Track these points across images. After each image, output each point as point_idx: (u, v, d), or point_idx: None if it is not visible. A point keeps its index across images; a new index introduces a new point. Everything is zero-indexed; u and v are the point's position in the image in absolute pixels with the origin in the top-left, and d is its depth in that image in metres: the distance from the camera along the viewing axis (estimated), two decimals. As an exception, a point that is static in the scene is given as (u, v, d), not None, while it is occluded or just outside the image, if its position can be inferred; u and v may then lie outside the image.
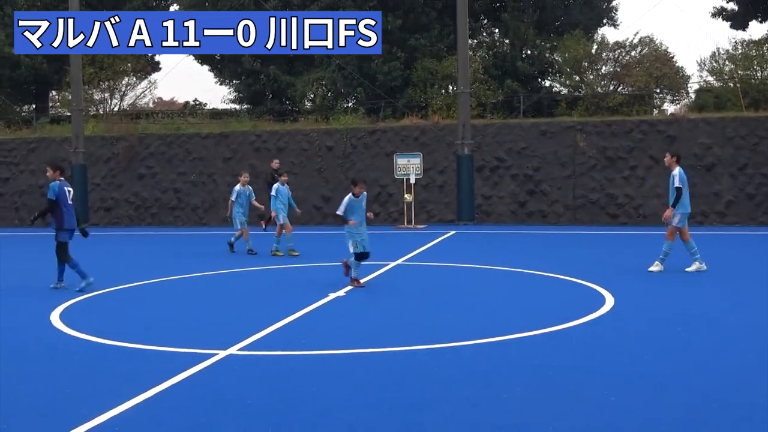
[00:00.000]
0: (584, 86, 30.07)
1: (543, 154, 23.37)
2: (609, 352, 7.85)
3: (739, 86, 26.68)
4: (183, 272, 14.35)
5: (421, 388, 6.71)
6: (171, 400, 6.48)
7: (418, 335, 8.70)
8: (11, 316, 10.45)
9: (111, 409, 6.15)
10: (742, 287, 11.63)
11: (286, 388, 6.75)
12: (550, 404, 6.20)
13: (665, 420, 5.76)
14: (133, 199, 26.26)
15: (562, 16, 34.56)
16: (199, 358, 7.80)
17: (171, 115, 33.77)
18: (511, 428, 5.65)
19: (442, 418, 5.90)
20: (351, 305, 10.72)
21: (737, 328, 8.85)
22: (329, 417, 5.96)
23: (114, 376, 7.23)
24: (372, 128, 25.25)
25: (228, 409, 6.20)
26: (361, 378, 7.06)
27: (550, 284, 12.32)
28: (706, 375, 6.95)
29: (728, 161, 21.90)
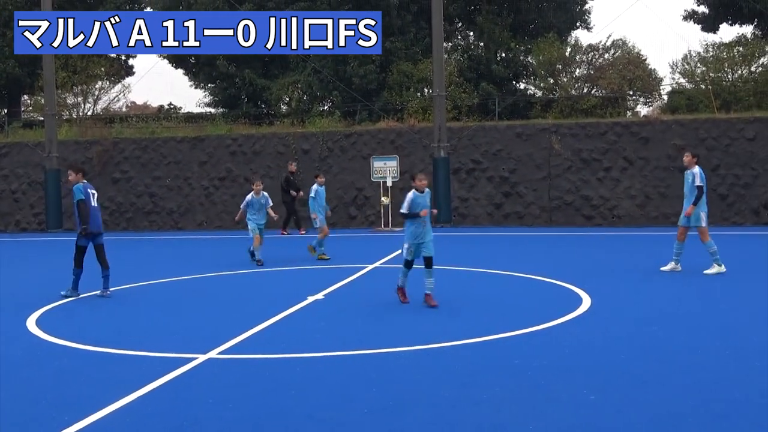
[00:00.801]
0: (558, 89, 30.28)
1: (518, 156, 23.52)
2: (587, 352, 7.92)
3: (710, 88, 27.00)
4: (160, 277, 14.29)
5: (401, 389, 6.73)
6: (152, 405, 6.45)
7: (398, 337, 8.73)
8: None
9: (92, 414, 6.12)
10: (716, 286, 11.77)
11: (268, 391, 6.75)
12: (530, 404, 6.24)
13: (644, 418, 5.83)
14: (107, 204, 26.04)
15: (536, 20, 34.79)
16: (179, 362, 7.77)
17: (145, 119, 33.55)
18: (491, 428, 5.69)
19: (423, 420, 5.93)
20: (330, 308, 10.72)
21: (713, 326, 8.98)
22: (313, 419, 5.97)
23: (94, 382, 7.19)
24: (348, 131, 25.28)
25: (210, 413, 6.19)
26: (341, 380, 7.07)
27: (528, 285, 12.39)
28: (684, 373, 7.04)
29: (701, 162, 22.06)
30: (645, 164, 22.62)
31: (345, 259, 16.09)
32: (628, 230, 21.40)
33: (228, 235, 23.57)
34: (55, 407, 6.43)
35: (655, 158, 22.59)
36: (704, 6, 33.57)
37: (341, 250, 18.00)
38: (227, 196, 25.37)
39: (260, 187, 15.67)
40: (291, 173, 22.99)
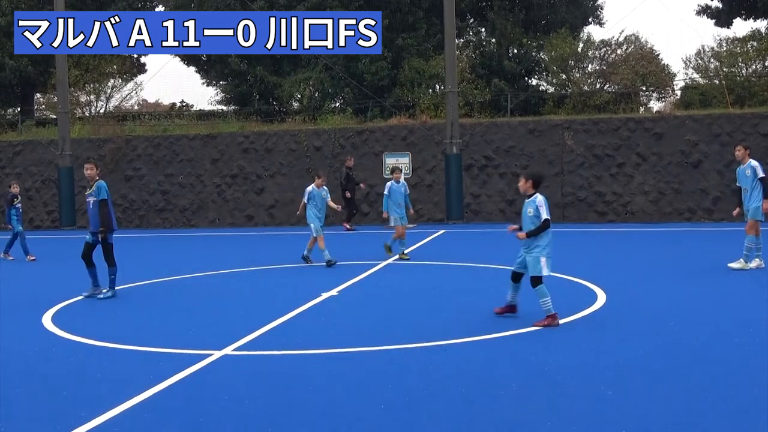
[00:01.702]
0: (571, 84, 30.20)
1: (531, 152, 23.45)
2: (603, 348, 7.90)
3: (724, 83, 26.85)
4: (173, 274, 14.32)
5: (417, 385, 6.73)
6: (168, 401, 6.48)
7: (413, 333, 8.72)
8: (2, 320, 10.40)
9: (109, 411, 6.15)
10: (732, 282, 11.72)
11: (283, 388, 6.76)
12: (547, 400, 6.23)
13: (662, 413, 5.82)
14: (120, 201, 26.14)
15: (548, 15, 34.69)
16: (195, 358, 7.80)
17: (157, 117, 33.66)
18: (508, 424, 5.68)
19: (439, 416, 5.93)
20: (344, 305, 10.73)
21: (730, 322, 8.92)
22: (328, 416, 5.98)
23: (110, 378, 7.22)
24: (360, 128, 25.27)
25: (225, 409, 6.20)
26: (357, 376, 7.08)
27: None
28: (701, 369, 7.01)
29: (715, 158, 22.04)
30: (658, 160, 22.51)
31: (358, 255, 16.09)
32: (641, 226, 21.30)
33: (241, 232, 23.61)
34: (72, 404, 6.47)
35: (668, 154, 22.47)
36: (717, 0, 33.37)
37: (354, 246, 18.01)
38: (239, 193, 25.42)
39: (323, 181, 15.28)
40: (349, 168, 22.91)
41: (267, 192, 25.25)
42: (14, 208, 17.17)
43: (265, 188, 25.26)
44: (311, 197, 14.95)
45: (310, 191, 14.99)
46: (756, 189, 12.36)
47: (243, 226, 25.07)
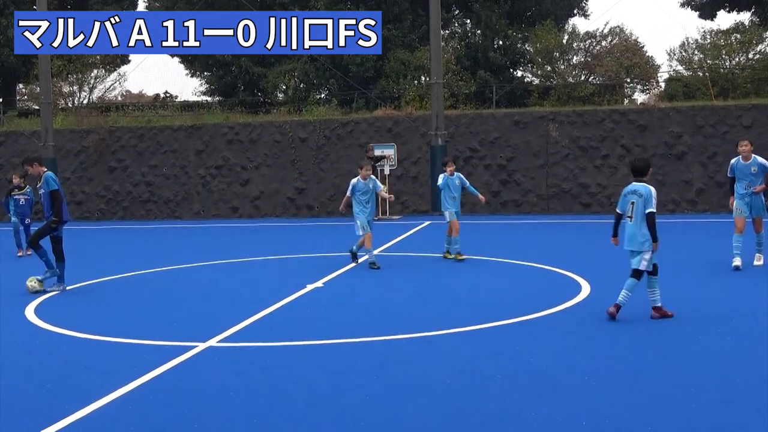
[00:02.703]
0: (556, 76, 30.27)
1: (516, 144, 23.50)
2: (588, 338, 7.94)
3: (708, 75, 26.99)
4: (158, 265, 14.26)
5: (403, 377, 6.74)
6: (153, 393, 6.45)
7: (398, 325, 8.73)
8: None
9: (93, 402, 6.12)
10: (715, 274, 11.79)
11: (268, 379, 6.75)
12: (532, 391, 6.25)
13: (646, 403, 5.85)
14: (104, 192, 26.02)
15: (534, 7, 34.73)
16: (179, 350, 7.77)
17: (141, 108, 33.48)
18: (493, 414, 5.70)
19: (424, 407, 5.94)
20: (329, 296, 10.72)
21: (713, 313, 8.97)
22: (313, 407, 5.97)
23: (95, 370, 7.18)
24: (345, 120, 25.22)
25: (211, 401, 6.18)
26: (342, 368, 7.07)
27: (527, 273, 12.40)
28: (683, 359, 7.05)
29: (698, 150, 22.17)
30: (642, 152, 22.60)
31: (343, 246, 16.07)
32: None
33: (225, 223, 23.55)
34: (55, 396, 6.43)
35: (652, 146, 22.58)
36: (702, -7, 33.55)
37: (339, 237, 17.99)
38: (224, 184, 25.33)
39: (369, 172, 13.57)
40: (371, 158, 22.60)
41: (252, 183, 25.17)
42: (12, 199, 16.63)
43: (250, 180, 25.18)
44: (355, 190, 13.35)
45: (354, 184, 13.38)
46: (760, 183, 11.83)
47: (228, 218, 24.99)
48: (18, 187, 16.70)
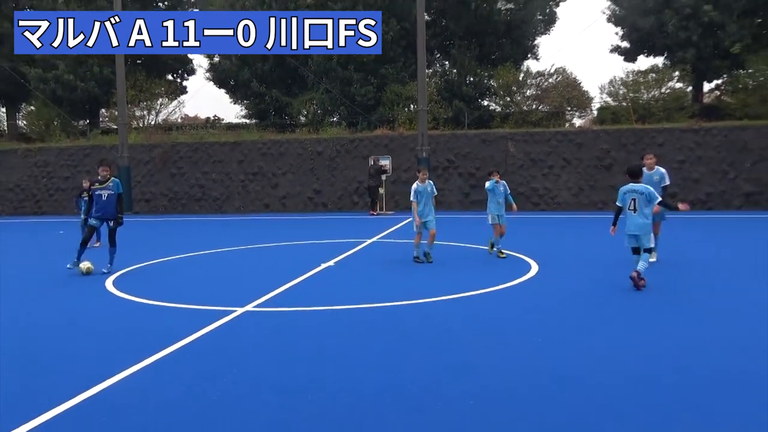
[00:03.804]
0: (513, 105, 30.19)
1: (482, 156, 23.47)
2: (539, 306, 7.94)
3: (630, 105, 26.95)
4: (206, 248, 14.25)
5: (397, 334, 6.74)
6: (204, 346, 6.45)
7: (392, 294, 8.73)
8: (76, 285, 10.31)
9: (163, 350, 6.13)
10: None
11: (295, 337, 6.75)
12: (495, 347, 6.25)
13: (584, 360, 5.85)
14: (167, 192, 25.95)
15: (497, 51, 34.58)
16: (223, 313, 7.77)
17: (196, 128, 33.34)
18: (464, 366, 5.69)
19: (410, 356, 5.94)
20: (339, 273, 10.71)
21: (639, 292, 8.99)
22: (332, 361, 5.97)
23: (157, 328, 7.18)
24: (352, 137, 25.15)
25: (248, 352, 6.18)
26: (350, 327, 7.07)
27: (490, 256, 12.39)
28: (614, 324, 7.06)
29: (622, 162, 22.14)
30: (579, 163, 22.61)
31: (350, 234, 16.08)
32: (566, 214, 21.41)
33: (259, 217, 23.50)
34: (124, 349, 6.42)
35: (587, 159, 22.57)
36: (626, 42, 33.46)
37: (347, 228, 18.00)
38: (258, 187, 25.29)
39: (426, 175, 11.78)
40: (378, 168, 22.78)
41: (280, 186, 25.12)
42: (82, 200, 15.56)
43: (278, 183, 25.14)
44: (418, 194, 11.63)
45: (415, 189, 11.64)
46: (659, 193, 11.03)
47: (261, 212, 24.95)
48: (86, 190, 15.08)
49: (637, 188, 8.81)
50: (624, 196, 8.90)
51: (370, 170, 22.96)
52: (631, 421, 4.42)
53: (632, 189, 8.84)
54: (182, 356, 6.08)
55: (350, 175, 24.42)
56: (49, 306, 8.56)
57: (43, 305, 8.59)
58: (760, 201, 21.20)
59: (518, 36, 34.13)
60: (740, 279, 9.33)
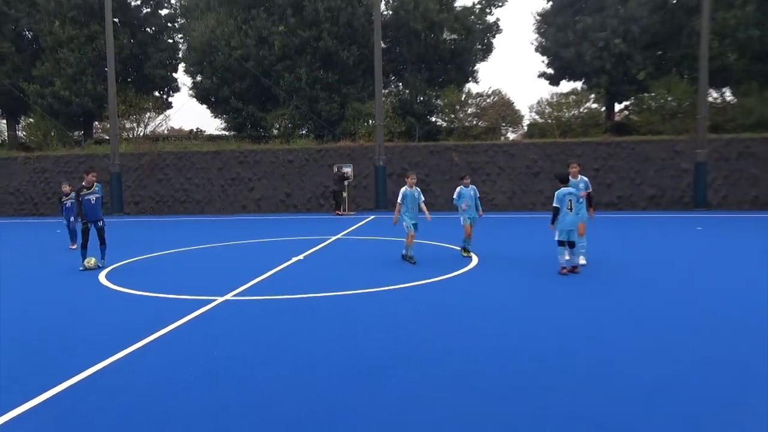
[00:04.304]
0: (457, 121, 30.49)
1: (431, 165, 23.64)
2: (480, 292, 8.05)
3: (554, 122, 27.52)
4: (190, 245, 13.99)
5: (360, 318, 6.75)
6: (189, 331, 6.35)
7: (355, 283, 8.74)
8: (71, 278, 10.00)
9: (152, 334, 6.01)
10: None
11: (270, 322, 6.70)
12: (443, 327, 6.32)
13: (516, 338, 5.96)
14: (154, 196, 25.33)
15: (443, 75, 34.89)
16: (205, 302, 7.66)
17: (180, 139, 32.62)
18: (418, 340, 5.75)
19: (374, 338, 5.97)
20: (308, 266, 10.65)
21: (563, 278, 9.19)
22: (302, 342, 5.95)
23: (148, 315, 7.03)
24: (319, 148, 25.00)
25: (230, 335, 6.11)
26: (318, 312, 7.06)
27: (437, 249, 12.50)
28: (544, 304, 7.21)
29: (548, 170, 22.63)
30: (512, 171, 22.99)
31: (317, 232, 16.00)
32: (501, 214, 21.75)
33: (237, 217, 23.17)
34: (117, 335, 6.28)
35: (518, 167, 22.97)
36: (551, 68, 34.18)
37: (314, 226, 17.90)
38: (236, 190, 24.92)
39: (414, 180, 10.84)
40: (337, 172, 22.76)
41: (256, 190, 24.81)
42: (63, 204, 14.46)
43: (254, 187, 24.81)
44: (405, 197, 10.80)
45: (403, 192, 10.83)
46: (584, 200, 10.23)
47: (239, 213, 24.60)
48: (66, 194, 14.47)
49: (572, 190, 9.20)
50: (564, 198, 9.14)
51: (335, 176, 22.92)
52: (542, 380, 4.54)
53: (569, 192, 9.16)
54: (169, 340, 5.98)
55: (317, 180, 24.30)
56: (47, 297, 8.29)
57: (42, 297, 8.32)
58: (660, 202, 21.97)
59: (461, 62, 34.51)
60: (647, 265, 9.66)
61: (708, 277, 8.77)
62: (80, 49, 31.25)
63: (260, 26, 31.08)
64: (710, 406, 4.17)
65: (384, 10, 32.13)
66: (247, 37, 30.97)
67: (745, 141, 21.43)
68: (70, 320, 6.91)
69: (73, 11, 31.33)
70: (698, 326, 6.12)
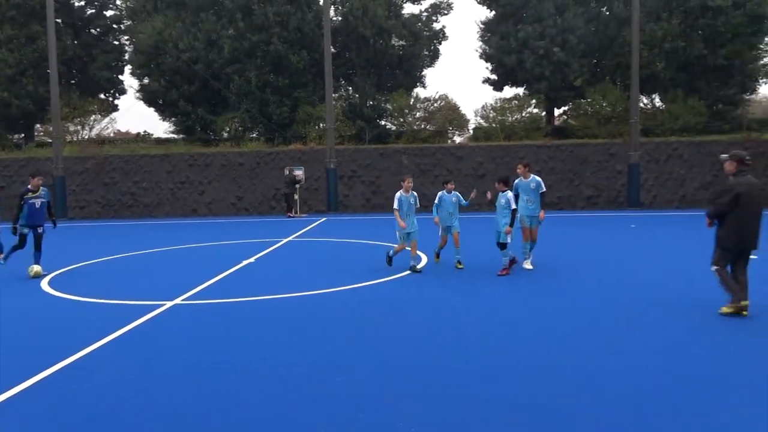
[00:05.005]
0: (406, 125, 30.74)
1: (381, 167, 23.76)
2: (427, 288, 8.16)
3: (498, 126, 28.13)
4: (139, 249, 13.57)
5: (311, 319, 6.74)
6: (138, 336, 6.17)
7: (306, 285, 8.70)
8: (15, 285, 9.53)
9: (99, 341, 5.81)
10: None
11: (220, 324, 6.60)
12: (394, 320, 6.39)
13: (448, 324, 6.09)
14: (100, 200, 24.39)
15: (392, 80, 35.11)
16: (155, 307, 7.46)
17: (128, 142, 31.54)
18: (372, 330, 5.79)
19: (330, 336, 5.97)
20: (260, 268, 10.53)
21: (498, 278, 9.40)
22: (255, 340, 5.89)
23: (94, 322, 6.79)
24: (270, 151, 24.71)
25: (179, 339, 5.98)
26: (269, 314, 7.00)
27: (389, 249, 12.53)
28: (483, 298, 7.38)
29: (493, 172, 23.11)
30: (459, 173, 23.38)
31: (269, 234, 15.82)
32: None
33: (187, 220, 22.61)
34: (62, 343, 6.04)
35: (465, 169, 23.38)
36: (495, 75, 34.93)
37: (266, 229, 17.68)
38: (186, 194, 24.30)
39: (410, 184, 9.80)
40: (288, 175, 22.48)
41: (207, 193, 24.27)
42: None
43: (205, 191, 24.27)
44: (401, 203, 9.80)
45: (398, 197, 9.79)
46: (538, 200, 9.83)
47: (189, 216, 24.01)
48: None
49: (507, 195, 9.22)
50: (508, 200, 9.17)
51: (286, 179, 22.71)
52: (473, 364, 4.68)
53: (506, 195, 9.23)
54: (116, 347, 5.80)
55: (269, 183, 24.00)
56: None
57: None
58: (597, 202, 22.84)
59: (409, 67, 34.83)
60: (584, 262, 10.03)
61: (639, 271, 9.20)
62: (20, 50, 29.79)
63: (209, 29, 30.48)
64: (639, 395, 4.39)
65: (333, 15, 32.07)
66: (196, 40, 30.29)
67: (673, 144, 22.55)
68: (10, 329, 6.60)
69: (12, 11, 29.84)
70: (625, 317, 6.42)
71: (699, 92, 27.39)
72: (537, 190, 9.83)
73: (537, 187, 9.82)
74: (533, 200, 9.78)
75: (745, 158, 6.40)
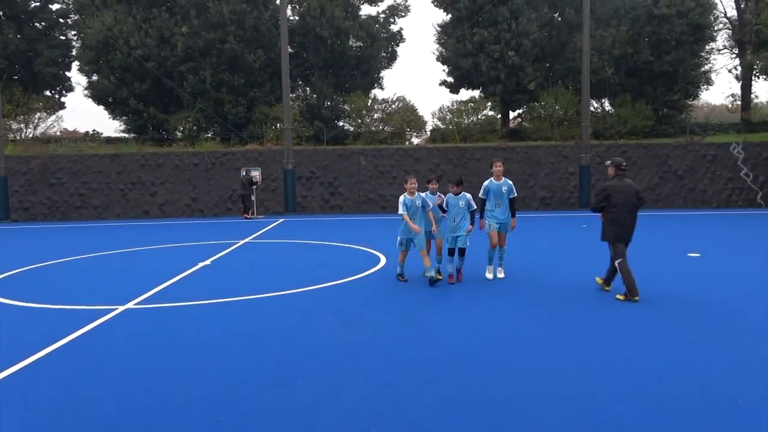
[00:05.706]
0: (364, 126, 30.79)
1: (339, 168, 23.68)
2: (390, 290, 8.18)
3: (455, 128, 28.51)
4: (88, 252, 13.08)
5: (265, 321, 6.65)
6: (87, 342, 5.95)
7: (259, 288, 8.59)
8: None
9: (45, 348, 5.56)
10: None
11: (173, 329, 6.44)
12: (356, 320, 6.37)
13: (419, 332, 6.12)
14: (46, 201, 23.39)
15: (350, 81, 35.10)
16: (106, 312, 7.21)
17: (75, 141, 30.38)
18: (325, 335, 5.76)
19: (273, 341, 5.90)
20: (215, 271, 10.33)
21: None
22: (208, 344, 5.77)
23: (40, 328, 6.50)
24: (225, 151, 24.26)
25: (130, 344, 5.80)
26: (223, 316, 6.87)
27: (347, 251, 12.54)
28: (446, 304, 7.45)
29: (450, 173, 23.38)
30: (417, 174, 23.52)
31: (225, 236, 15.53)
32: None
33: (139, 222, 21.94)
34: (6, 350, 5.76)
35: (423, 170, 23.56)
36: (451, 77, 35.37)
37: (222, 230, 17.35)
38: (138, 195, 23.59)
39: (414, 186, 8.56)
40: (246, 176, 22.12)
41: (159, 194, 23.62)
42: None
43: (157, 192, 23.62)
44: (407, 208, 8.57)
45: (403, 201, 8.59)
46: (507, 205, 9.03)
47: (141, 218, 23.31)
48: None
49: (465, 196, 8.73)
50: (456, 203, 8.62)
51: (243, 180, 22.37)
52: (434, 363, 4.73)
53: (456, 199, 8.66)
54: (65, 353, 5.58)
55: (224, 184, 23.56)
56: None
57: None
58: (551, 203, 23.43)
59: (367, 69, 34.89)
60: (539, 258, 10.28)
61: (590, 270, 9.48)
62: (-43, 43, 28.30)
63: (162, 26, 29.71)
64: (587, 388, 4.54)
65: (290, 15, 31.81)
66: (148, 36, 29.48)
67: (622, 146, 23.37)
68: (-52, 337, 6.25)
69: (-53, 2, 28.31)
70: (574, 314, 6.62)
71: (646, 97, 28.52)
72: (508, 195, 8.94)
73: (509, 191, 8.95)
74: (502, 204, 8.90)
75: (621, 164, 7.49)
